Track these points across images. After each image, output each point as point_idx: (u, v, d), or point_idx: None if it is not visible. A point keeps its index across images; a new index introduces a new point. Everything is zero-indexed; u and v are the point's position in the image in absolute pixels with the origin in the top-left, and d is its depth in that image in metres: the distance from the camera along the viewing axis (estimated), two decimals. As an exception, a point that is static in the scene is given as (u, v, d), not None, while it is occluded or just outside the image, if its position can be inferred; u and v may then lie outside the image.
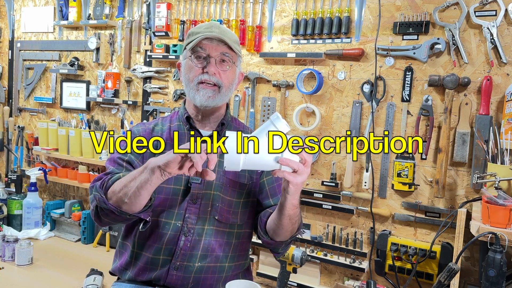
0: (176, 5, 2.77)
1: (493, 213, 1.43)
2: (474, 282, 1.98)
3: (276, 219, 1.24)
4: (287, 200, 1.15)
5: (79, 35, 3.21)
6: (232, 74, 1.36)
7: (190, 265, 1.31)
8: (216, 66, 1.31)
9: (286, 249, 1.40)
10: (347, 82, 2.29)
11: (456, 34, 1.99)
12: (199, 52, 1.31)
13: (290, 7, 2.42)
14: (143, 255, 1.34)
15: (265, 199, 1.40)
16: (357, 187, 2.27)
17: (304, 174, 1.07)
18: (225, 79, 1.33)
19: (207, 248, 1.32)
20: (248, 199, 1.39)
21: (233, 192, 1.36)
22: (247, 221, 1.41)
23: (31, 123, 3.48)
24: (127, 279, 1.38)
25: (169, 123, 1.43)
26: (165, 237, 1.31)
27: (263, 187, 1.41)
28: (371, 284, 1.42)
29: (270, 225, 1.29)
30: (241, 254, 1.41)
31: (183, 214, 1.32)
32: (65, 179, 3.12)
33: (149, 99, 2.90)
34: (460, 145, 1.99)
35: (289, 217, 1.20)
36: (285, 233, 1.26)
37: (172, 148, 1.35)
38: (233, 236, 1.38)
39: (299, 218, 1.26)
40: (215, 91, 1.31)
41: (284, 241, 1.31)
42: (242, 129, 1.48)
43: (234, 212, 1.36)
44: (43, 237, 2.89)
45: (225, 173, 1.35)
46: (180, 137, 1.38)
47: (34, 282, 2.24)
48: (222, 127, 1.40)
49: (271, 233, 1.30)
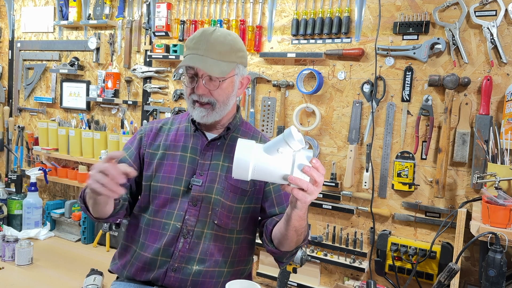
0: (176, 5, 2.77)
1: (493, 213, 1.43)
2: (474, 282, 1.98)
3: (282, 229, 1.20)
4: (293, 212, 1.11)
5: (79, 35, 3.21)
6: (228, 88, 1.30)
7: (188, 268, 1.30)
8: (205, 86, 1.27)
9: (290, 259, 1.36)
10: (347, 82, 2.29)
11: (456, 34, 1.99)
12: (188, 71, 1.29)
13: (290, 7, 2.42)
14: (142, 255, 1.34)
15: (271, 207, 1.37)
16: (357, 187, 2.27)
17: (314, 194, 1.03)
18: (218, 95, 1.28)
19: (206, 252, 1.31)
20: (249, 205, 1.36)
21: (234, 198, 1.34)
22: (248, 227, 1.39)
23: (31, 123, 3.48)
24: (125, 278, 1.39)
25: (178, 123, 1.44)
26: (164, 237, 1.31)
27: (268, 195, 1.37)
28: (371, 284, 1.42)
29: (276, 234, 1.26)
30: (241, 260, 1.40)
31: (183, 215, 1.32)
32: (65, 179, 3.12)
33: (149, 99, 2.90)
34: (460, 145, 1.99)
35: (294, 228, 1.16)
36: (290, 243, 1.23)
37: (173, 151, 1.38)
38: (233, 242, 1.36)
39: (305, 229, 1.22)
40: (208, 109, 1.29)
41: (289, 251, 1.28)
42: (252, 133, 1.44)
43: (234, 218, 1.34)
44: (43, 237, 2.89)
45: (227, 177, 1.33)
46: (186, 138, 1.39)
47: (34, 282, 2.24)
48: (228, 131, 1.38)
49: (276, 242, 1.27)
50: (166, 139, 1.41)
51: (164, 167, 1.37)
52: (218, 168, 1.35)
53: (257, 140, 1.41)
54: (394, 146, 2.18)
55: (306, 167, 1.00)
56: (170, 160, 1.37)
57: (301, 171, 1.00)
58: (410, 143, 2.15)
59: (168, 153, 1.38)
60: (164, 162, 1.37)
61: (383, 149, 2.19)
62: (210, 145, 1.37)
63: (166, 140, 1.41)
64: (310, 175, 1.00)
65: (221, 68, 1.25)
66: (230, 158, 1.34)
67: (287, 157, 1.01)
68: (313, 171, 1.00)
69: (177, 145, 1.39)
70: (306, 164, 1.01)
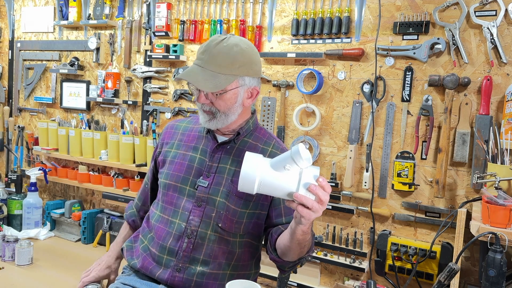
0: (176, 5, 2.77)
1: (493, 213, 1.43)
2: (474, 282, 1.98)
3: (286, 240, 1.22)
4: (297, 227, 1.11)
5: (79, 35, 3.21)
6: (230, 99, 1.30)
7: (192, 268, 1.31)
8: (206, 96, 1.29)
9: (292, 269, 1.37)
10: (347, 82, 2.29)
11: (456, 34, 1.99)
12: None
13: (290, 7, 2.42)
14: (151, 250, 1.37)
15: (278, 216, 1.37)
16: (357, 187, 2.27)
17: (319, 212, 1.03)
18: (220, 106, 1.29)
19: (210, 254, 1.32)
20: (254, 211, 1.36)
21: (239, 202, 1.33)
22: (251, 232, 1.38)
23: (31, 123, 3.48)
24: (132, 267, 1.42)
25: (194, 124, 1.49)
26: (170, 236, 1.34)
27: (278, 204, 1.37)
28: (371, 284, 1.42)
29: (280, 245, 1.27)
30: (245, 265, 1.40)
31: (188, 215, 1.33)
32: (65, 179, 3.12)
33: (149, 99, 2.90)
34: (460, 145, 1.99)
35: (298, 241, 1.17)
36: (293, 255, 1.25)
37: (185, 150, 1.43)
38: (236, 246, 1.36)
39: (309, 242, 1.23)
40: (210, 116, 1.32)
41: (292, 261, 1.29)
42: (265, 139, 1.43)
43: (238, 222, 1.34)
44: (43, 237, 2.88)
45: (233, 181, 1.33)
46: (198, 139, 1.43)
47: (34, 282, 2.24)
48: (238, 136, 1.39)
49: (280, 252, 1.28)
50: (181, 139, 1.45)
51: (174, 165, 1.40)
52: (225, 171, 1.35)
53: (270, 146, 1.41)
54: (394, 146, 2.18)
55: (312, 186, 1.00)
56: (180, 159, 1.41)
57: (307, 189, 1.00)
58: (410, 143, 2.15)
59: (180, 152, 1.42)
60: (175, 161, 1.41)
61: (383, 149, 2.19)
62: (219, 148, 1.38)
63: (181, 140, 1.45)
64: (315, 194, 1.01)
65: (216, 82, 1.25)
66: (238, 162, 1.35)
67: (293, 174, 1.01)
68: (319, 190, 1.01)
69: (189, 145, 1.42)
70: (312, 183, 1.01)
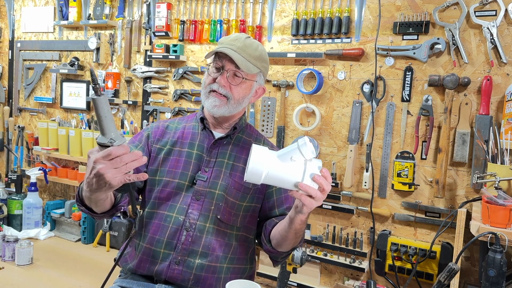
0: (176, 5, 2.77)
1: (493, 213, 1.43)
2: (474, 282, 1.98)
3: (283, 231, 1.27)
4: (297, 216, 1.18)
5: (79, 35, 3.21)
6: (246, 89, 1.39)
7: (191, 261, 1.33)
8: (227, 79, 1.35)
9: (285, 259, 1.46)
10: (347, 82, 2.29)
11: (456, 34, 1.99)
12: (216, 62, 1.36)
13: (290, 7, 2.42)
14: (145, 247, 1.36)
15: (272, 208, 1.43)
16: (357, 187, 2.27)
17: (320, 201, 1.10)
18: (236, 93, 1.36)
19: (208, 246, 1.34)
20: (250, 204, 1.41)
21: (237, 194, 1.39)
22: (247, 225, 1.43)
23: (31, 123, 3.48)
24: (128, 271, 1.41)
25: (185, 122, 1.50)
26: (167, 230, 1.34)
27: (270, 196, 1.44)
28: (371, 284, 1.42)
29: (275, 235, 1.33)
30: (241, 258, 1.43)
31: (186, 209, 1.35)
32: (65, 179, 3.12)
33: (149, 99, 2.90)
34: (460, 145, 1.99)
35: (295, 231, 1.23)
36: (288, 245, 1.31)
37: (180, 147, 1.42)
38: (233, 238, 1.40)
39: (303, 232, 1.30)
40: (222, 101, 1.36)
41: (286, 251, 1.35)
42: (256, 136, 1.52)
43: (236, 214, 1.39)
44: (43, 237, 2.89)
45: (231, 175, 1.39)
46: (193, 135, 1.45)
47: (34, 282, 2.24)
48: (234, 131, 1.45)
49: (275, 243, 1.34)
50: (174, 136, 1.46)
51: (169, 162, 1.41)
52: (223, 165, 1.40)
53: (261, 143, 1.48)
54: (394, 146, 2.18)
55: (317, 176, 1.07)
56: (176, 156, 1.42)
57: (311, 179, 1.07)
58: (410, 143, 2.15)
59: (175, 149, 1.43)
60: (170, 158, 1.42)
61: (383, 149, 2.19)
62: (216, 143, 1.43)
63: (173, 137, 1.46)
64: (319, 183, 1.07)
65: (248, 67, 1.34)
66: (235, 156, 1.42)
67: (299, 165, 1.07)
68: (322, 179, 1.08)
69: (184, 142, 1.44)
70: (316, 173, 1.07)
